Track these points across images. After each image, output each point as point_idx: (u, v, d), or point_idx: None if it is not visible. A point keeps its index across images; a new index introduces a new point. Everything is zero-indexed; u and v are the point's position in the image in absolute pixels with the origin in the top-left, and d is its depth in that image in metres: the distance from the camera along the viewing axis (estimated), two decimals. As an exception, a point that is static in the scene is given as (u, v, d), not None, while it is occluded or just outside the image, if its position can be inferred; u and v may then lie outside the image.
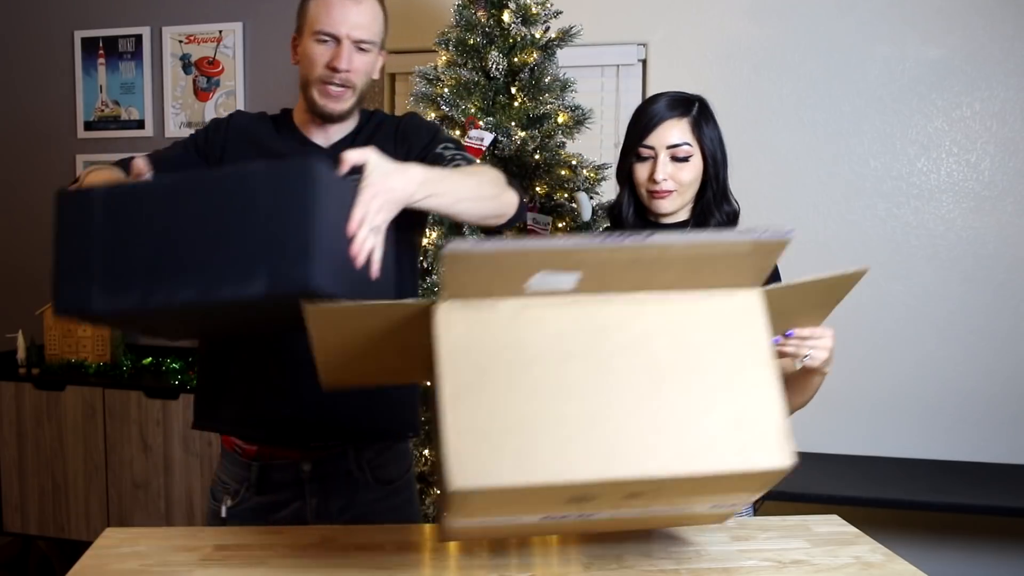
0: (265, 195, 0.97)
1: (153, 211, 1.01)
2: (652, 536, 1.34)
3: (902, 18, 2.88)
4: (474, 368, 0.91)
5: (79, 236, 1.02)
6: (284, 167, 0.99)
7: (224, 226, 0.98)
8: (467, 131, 2.39)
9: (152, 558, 1.21)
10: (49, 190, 4.22)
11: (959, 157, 2.89)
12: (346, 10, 1.42)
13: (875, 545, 1.32)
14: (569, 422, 0.90)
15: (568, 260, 0.91)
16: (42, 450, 3.21)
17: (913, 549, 2.85)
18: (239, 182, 0.99)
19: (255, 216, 0.97)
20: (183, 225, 0.99)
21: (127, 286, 1.01)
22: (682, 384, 0.93)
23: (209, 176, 1.03)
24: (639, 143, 1.52)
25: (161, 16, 3.57)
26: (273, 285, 0.96)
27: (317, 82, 1.44)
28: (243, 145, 1.52)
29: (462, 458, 0.87)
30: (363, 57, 1.45)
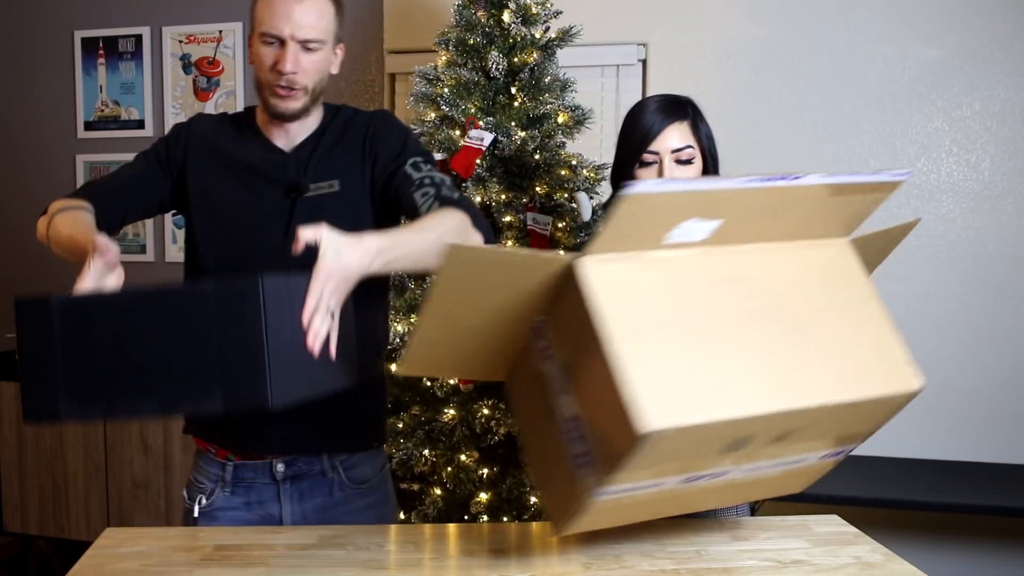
0: (217, 314, 1.00)
1: (110, 325, 1.03)
2: (652, 536, 1.34)
3: (902, 18, 2.88)
4: (632, 316, 0.94)
5: (41, 344, 1.04)
6: (233, 287, 1.00)
7: (179, 343, 1.01)
8: (467, 131, 2.39)
9: (152, 558, 1.21)
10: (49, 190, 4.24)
11: (959, 157, 2.89)
12: (288, 9, 1.37)
13: (875, 545, 1.32)
14: (732, 363, 0.95)
15: (714, 204, 0.97)
16: (42, 450, 3.21)
17: (913, 549, 2.85)
18: (191, 301, 1.01)
19: (209, 335, 1.00)
20: (140, 340, 1.02)
21: (91, 397, 1.04)
22: (821, 322, 1.02)
23: (162, 293, 1.03)
24: (642, 150, 1.51)
25: (161, 16, 3.57)
26: (230, 404, 1.00)
27: (266, 85, 1.41)
28: (203, 154, 1.50)
29: (649, 401, 0.89)
30: (311, 56, 1.40)
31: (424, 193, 1.40)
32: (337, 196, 1.46)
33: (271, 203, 1.46)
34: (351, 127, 1.51)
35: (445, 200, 1.38)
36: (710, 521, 1.46)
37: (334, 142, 1.49)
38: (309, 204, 1.45)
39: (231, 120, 1.56)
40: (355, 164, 1.48)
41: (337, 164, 1.47)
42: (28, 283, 3.70)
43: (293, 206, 1.44)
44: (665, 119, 1.52)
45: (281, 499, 1.49)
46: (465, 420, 2.33)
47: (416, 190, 1.41)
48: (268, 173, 1.47)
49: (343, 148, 1.49)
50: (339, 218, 1.44)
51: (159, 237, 3.60)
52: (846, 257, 1.12)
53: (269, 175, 1.47)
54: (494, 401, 2.34)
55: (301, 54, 1.38)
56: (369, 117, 1.53)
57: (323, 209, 1.43)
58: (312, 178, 1.46)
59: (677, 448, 0.94)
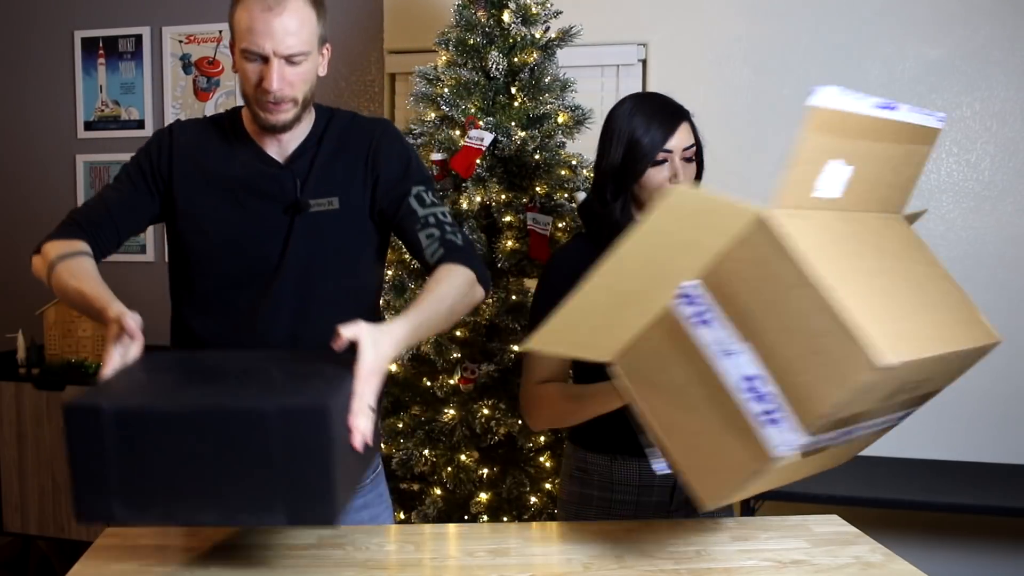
0: (281, 436, 0.99)
1: (166, 437, 1.01)
2: (652, 536, 1.34)
3: (902, 18, 2.88)
4: (827, 266, 0.97)
5: (92, 450, 1.01)
6: (300, 413, 0.99)
7: (240, 460, 1.00)
8: (467, 131, 2.39)
9: (152, 558, 1.21)
10: (49, 190, 4.22)
11: (959, 157, 2.89)
12: (268, 25, 1.31)
13: (875, 545, 1.32)
14: (903, 308, 1.03)
15: (853, 145, 1.04)
16: (42, 450, 3.21)
17: (913, 549, 2.85)
18: (253, 422, 1.00)
19: (271, 455, 0.99)
20: (198, 454, 1.00)
21: (148, 502, 1.02)
22: (930, 282, 1.17)
23: (222, 413, 1.01)
24: (658, 149, 1.51)
25: (161, 16, 3.57)
26: (294, 519, 1.00)
27: (253, 100, 1.38)
28: (190, 167, 1.45)
29: (877, 338, 0.92)
30: (296, 69, 1.35)
31: (429, 235, 1.41)
32: (336, 214, 1.44)
33: (268, 220, 1.42)
34: (350, 139, 1.48)
35: (450, 248, 1.40)
36: (710, 521, 1.46)
37: (333, 154, 1.46)
38: (307, 221, 1.42)
39: (216, 126, 1.49)
40: (355, 181, 1.46)
41: (336, 179, 1.45)
42: (28, 283, 3.70)
43: (292, 223, 1.42)
44: (675, 118, 1.53)
45: None
46: (465, 420, 2.33)
47: (421, 229, 1.42)
48: (264, 188, 1.43)
49: (343, 162, 1.46)
50: (338, 236, 1.44)
51: (159, 237, 3.60)
52: (911, 230, 1.29)
53: (265, 190, 1.43)
54: (494, 401, 2.34)
55: (286, 68, 1.34)
56: (370, 130, 1.50)
57: (322, 226, 1.43)
58: (311, 193, 1.43)
59: (877, 391, 0.99)
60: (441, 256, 1.39)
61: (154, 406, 1.03)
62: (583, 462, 1.62)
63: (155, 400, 1.04)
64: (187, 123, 1.51)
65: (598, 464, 1.60)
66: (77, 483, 1.02)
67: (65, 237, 1.40)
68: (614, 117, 1.56)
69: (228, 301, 1.44)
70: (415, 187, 1.46)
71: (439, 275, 1.35)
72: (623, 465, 1.59)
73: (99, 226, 1.42)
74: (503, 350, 2.37)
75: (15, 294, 3.72)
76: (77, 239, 1.39)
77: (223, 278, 1.44)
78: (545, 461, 2.38)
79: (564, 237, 2.45)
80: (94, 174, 3.66)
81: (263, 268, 1.42)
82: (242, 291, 1.43)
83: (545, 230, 2.41)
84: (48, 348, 3.39)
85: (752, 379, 1.02)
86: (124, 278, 3.62)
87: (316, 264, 1.44)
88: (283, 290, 1.42)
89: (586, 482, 1.61)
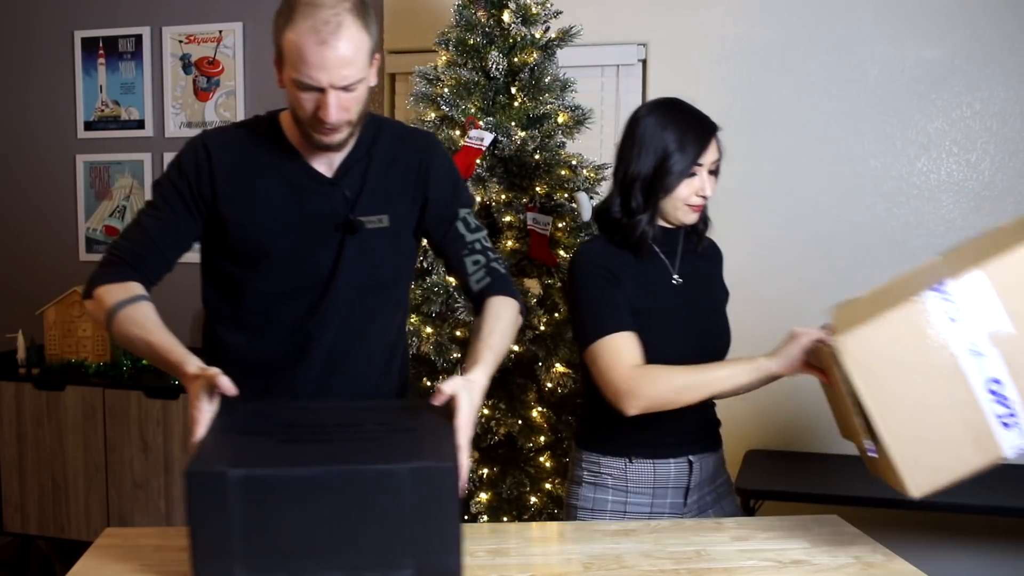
0: (410, 494, 1.02)
1: (293, 499, 1.02)
2: (652, 536, 1.34)
3: (902, 18, 2.88)
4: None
5: (215, 514, 1.02)
6: (431, 472, 1.04)
7: (369, 519, 1.03)
8: (467, 131, 2.39)
9: (152, 558, 1.21)
10: (49, 190, 4.22)
11: (959, 157, 2.89)
12: (323, 58, 1.24)
13: (875, 545, 1.32)
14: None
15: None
16: (42, 450, 3.21)
17: (913, 549, 2.85)
18: (385, 482, 1.03)
19: (401, 513, 1.03)
20: (325, 514, 1.02)
21: (271, 565, 1.03)
22: None
23: (350, 471, 1.04)
24: (693, 164, 1.52)
25: (161, 16, 3.57)
26: (422, 572, 1.04)
27: (308, 125, 1.33)
28: (234, 186, 1.39)
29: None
30: (352, 95, 1.30)
31: (476, 262, 1.46)
32: (385, 232, 1.43)
33: (319, 237, 1.40)
34: (400, 155, 1.46)
35: (496, 277, 1.45)
36: (710, 521, 1.46)
37: (383, 170, 1.44)
38: (359, 238, 1.41)
39: (253, 136, 1.43)
40: (404, 200, 1.46)
41: (386, 197, 1.44)
42: (28, 283, 3.70)
43: (343, 240, 1.41)
44: (708, 133, 1.54)
45: None
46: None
47: (468, 255, 1.46)
48: (314, 206, 1.40)
49: (393, 180, 1.45)
50: (385, 253, 1.45)
51: (159, 237, 3.60)
52: None
53: (315, 208, 1.40)
54: (494, 401, 2.34)
55: (343, 95, 1.29)
56: (419, 146, 1.49)
57: (372, 243, 1.42)
58: (362, 210, 1.41)
59: None
60: (488, 285, 1.44)
61: (281, 470, 1.04)
62: (596, 466, 1.61)
63: (279, 464, 1.05)
64: (221, 137, 1.44)
65: (612, 467, 1.60)
66: (198, 548, 1.03)
67: (117, 280, 1.36)
68: (641, 126, 1.55)
69: (274, 317, 1.43)
70: (462, 210, 1.49)
71: (497, 311, 1.40)
72: (638, 467, 1.59)
73: (146, 259, 1.39)
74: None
75: (15, 294, 3.72)
76: (129, 280, 1.35)
77: (271, 295, 1.42)
78: (545, 461, 2.38)
79: (564, 237, 2.45)
80: (94, 174, 3.66)
81: (312, 285, 1.41)
82: (289, 308, 1.42)
83: (545, 230, 2.41)
84: (48, 348, 3.39)
85: (997, 382, 1.11)
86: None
87: (365, 280, 1.44)
88: (332, 307, 1.42)
89: (600, 486, 1.61)
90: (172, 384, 3.09)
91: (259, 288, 1.42)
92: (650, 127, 1.54)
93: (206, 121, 3.53)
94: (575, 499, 1.64)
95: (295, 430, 1.17)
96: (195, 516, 1.02)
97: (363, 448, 1.10)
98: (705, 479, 1.63)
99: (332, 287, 1.41)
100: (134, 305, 1.32)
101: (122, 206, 3.64)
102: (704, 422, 1.64)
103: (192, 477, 1.02)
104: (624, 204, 1.56)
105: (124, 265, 1.37)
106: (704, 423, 1.64)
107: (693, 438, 1.61)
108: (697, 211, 1.57)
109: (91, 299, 1.37)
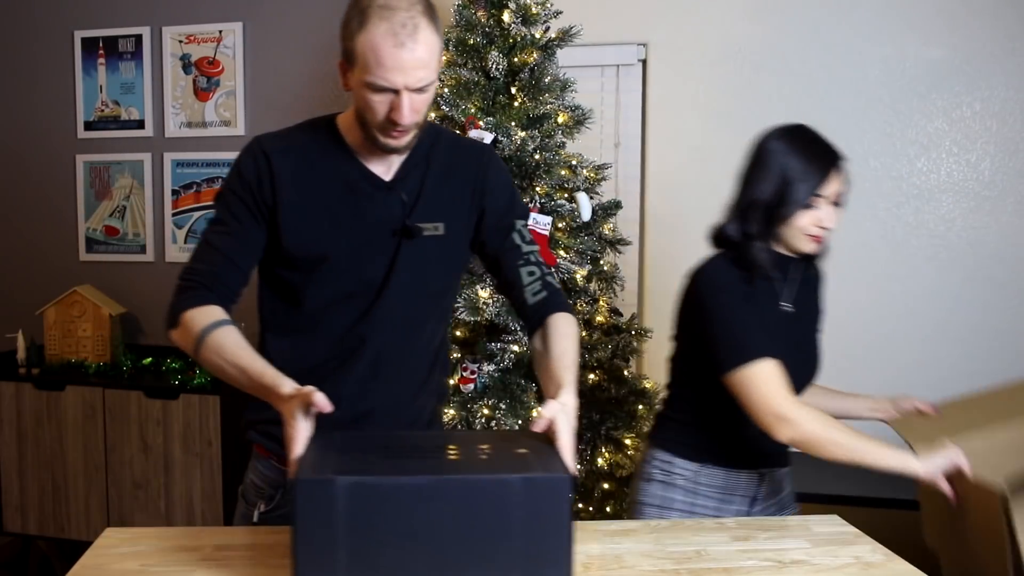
0: (521, 506, 1.02)
1: (402, 510, 1.02)
2: (652, 536, 1.34)
3: (902, 18, 2.88)
4: None
5: (321, 523, 1.01)
6: (544, 483, 1.03)
7: (475, 528, 1.02)
8: (467, 131, 2.39)
9: (152, 558, 1.21)
10: (49, 190, 4.21)
11: (959, 157, 2.89)
12: (400, 59, 1.24)
13: (875, 545, 1.32)
14: None
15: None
16: (42, 450, 3.21)
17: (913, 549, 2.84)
18: (498, 492, 1.02)
19: (510, 523, 1.02)
20: (431, 524, 1.02)
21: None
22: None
23: (462, 481, 1.03)
24: (812, 195, 1.52)
25: (161, 16, 3.57)
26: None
27: (377, 127, 1.32)
28: (293, 192, 1.38)
29: None
30: (423, 97, 1.30)
31: (531, 273, 1.46)
32: (441, 239, 1.43)
33: (376, 242, 1.40)
34: (457, 164, 1.46)
35: (552, 291, 1.46)
36: (710, 521, 1.46)
37: (440, 178, 1.44)
38: (414, 244, 1.41)
39: (311, 138, 1.43)
40: (461, 209, 1.45)
41: (443, 205, 1.44)
42: (28, 283, 3.70)
43: (399, 246, 1.40)
44: (831, 163, 1.54)
45: None
46: (465, 420, 2.33)
47: (524, 265, 1.46)
48: (372, 210, 1.40)
49: (450, 188, 1.45)
50: (439, 261, 1.44)
51: (159, 237, 3.60)
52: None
53: (373, 212, 1.40)
54: (494, 401, 2.34)
55: (415, 98, 1.29)
56: (476, 156, 1.49)
57: (427, 251, 1.42)
58: (419, 217, 1.41)
59: None
60: (544, 299, 1.45)
61: (391, 478, 1.02)
62: (668, 465, 1.63)
63: (387, 473, 1.04)
64: (279, 141, 1.43)
65: (685, 469, 1.61)
66: (301, 558, 1.01)
67: (198, 304, 1.34)
68: (769, 151, 1.56)
69: (326, 322, 1.42)
70: (518, 221, 1.49)
71: (563, 329, 1.41)
72: (711, 472, 1.61)
73: (221, 277, 1.37)
74: (504, 350, 2.37)
75: (15, 294, 3.72)
76: (210, 304, 1.34)
77: (326, 300, 1.41)
78: (545, 461, 2.38)
79: (564, 237, 2.45)
80: (94, 174, 3.66)
81: (366, 289, 1.40)
82: (342, 312, 1.41)
83: (545, 230, 2.41)
84: (48, 348, 3.39)
85: None
86: (124, 278, 3.63)
87: (417, 286, 1.43)
88: (384, 312, 1.41)
89: (670, 485, 1.62)
90: (172, 384, 3.09)
91: (315, 293, 1.41)
92: (775, 153, 1.55)
93: (206, 121, 3.53)
94: (644, 496, 1.65)
95: (394, 449, 1.15)
96: (302, 525, 1.01)
97: (470, 462, 1.09)
98: (773, 491, 1.66)
99: (385, 292, 1.40)
100: (219, 331, 1.30)
101: (122, 206, 3.64)
102: (779, 443, 1.64)
103: (301, 484, 1.00)
104: (742, 227, 1.56)
105: (202, 289, 1.35)
106: (779, 443, 1.63)
107: (767, 453, 1.63)
108: (817, 242, 1.56)
109: (176, 328, 1.34)
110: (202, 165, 3.55)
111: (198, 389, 3.06)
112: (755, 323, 1.51)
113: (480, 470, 1.05)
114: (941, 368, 2.88)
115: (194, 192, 3.56)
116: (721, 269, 1.56)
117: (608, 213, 2.57)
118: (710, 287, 1.55)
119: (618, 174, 3.07)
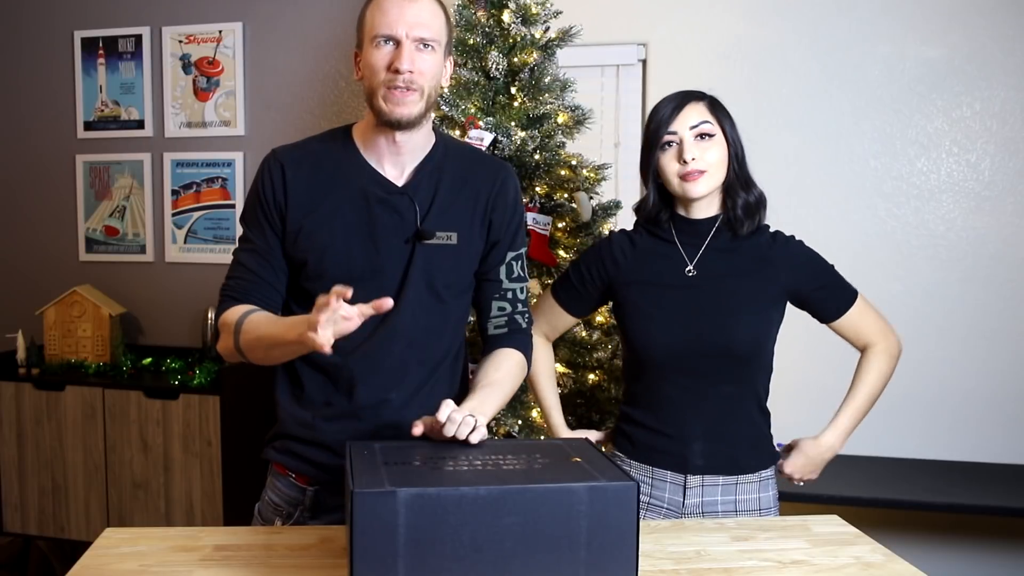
0: (587, 514, 1.01)
1: (461, 517, 1.00)
2: (652, 536, 1.34)
3: (902, 18, 2.88)
4: None
5: (380, 535, 1.00)
6: (609, 491, 1.03)
7: (539, 538, 1.01)
8: (467, 131, 2.39)
9: (152, 558, 1.21)
10: (49, 190, 4.22)
11: (959, 157, 2.89)
12: (402, 11, 1.33)
13: (875, 545, 1.32)
14: None
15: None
16: (42, 450, 3.21)
17: (913, 549, 2.85)
18: (563, 500, 1.01)
19: (574, 532, 1.01)
20: (493, 534, 1.00)
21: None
22: None
23: (525, 491, 1.01)
24: (663, 132, 1.54)
25: (161, 16, 3.57)
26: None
27: (380, 87, 1.34)
28: (306, 201, 1.40)
29: None
30: (427, 57, 1.34)
31: (501, 309, 1.50)
32: (453, 249, 1.44)
33: (389, 249, 1.41)
34: (472, 177, 1.46)
35: (512, 328, 1.51)
36: (710, 521, 1.46)
37: (454, 187, 1.44)
38: (427, 252, 1.41)
39: (327, 149, 1.45)
40: (473, 222, 1.46)
41: (457, 216, 1.44)
42: (28, 283, 3.70)
43: (412, 253, 1.41)
44: (681, 101, 1.56)
45: None
46: (465, 420, 2.33)
47: (497, 300, 1.50)
48: (385, 216, 1.40)
49: (464, 200, 1.45)
50: (449, 270, 1.45)
51: (159, 237, 3.59)
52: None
53: (386, 218, 1.40)
54: (494, 401, 2.34)
55: (417, 53, 1.34)
56: (495, 171, 1.49)
57: (438, 258, 1.43)
58: (432, 224, 1.42)
59: None
60: (502, 335, 1.50)
61: (452, 489, 1.01)
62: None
63: (447, 484, 1.03)
64: (294, 152, 1.45)
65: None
66: (357, 564, 1.00)
67: (230, 307, 1.40)
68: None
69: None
70: (511, 253, 1.50)
71: (506, 364, 1.47)
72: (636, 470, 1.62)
73: (252, 293, 1.41)
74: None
75: (15, 294, 3.72)
76: (241, 304, 1.39)
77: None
78: (545, 461, 2.38)
79: (564, 237, 2.45)
80: (94, 174, 3.66)
81: (381, 296, 1.41)
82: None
83: (545, 230, 2.41)
84: (48, 348, 3.39)
85: None
86: (124, 278, 3.63)
87: (431, 296, 1.44)
88: (400, 321, 1.41)
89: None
90: (172, 384, 3.09)
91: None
92: (648, 116, 1.60)
93: (206, 121, 3.53)
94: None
95: (442, 460, 1.13)
96: (360, 538, 0.99)
97: (530, 471, 1.08)
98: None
99: (401, 301, 1.40)
100: (251, 316, 1.34)
101: (122, 206, 3.64)
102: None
103: (359, 497, 0.99)
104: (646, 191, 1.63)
105: (234, 300, 1.40)
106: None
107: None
108: (692, 180, 1.53)
109: (219, 338, 1.39)
110: (202, 165, 3.55)
111: (198, 389, 3.06)
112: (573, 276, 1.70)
113: (544, 479, 1.03)
114: (940, 367, 2.89)
115: (194, 192, 3.56)
116: (610, 237, 1.69)
117: (608, 213, 2.57)
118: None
119: (618, 174, 3.07)
